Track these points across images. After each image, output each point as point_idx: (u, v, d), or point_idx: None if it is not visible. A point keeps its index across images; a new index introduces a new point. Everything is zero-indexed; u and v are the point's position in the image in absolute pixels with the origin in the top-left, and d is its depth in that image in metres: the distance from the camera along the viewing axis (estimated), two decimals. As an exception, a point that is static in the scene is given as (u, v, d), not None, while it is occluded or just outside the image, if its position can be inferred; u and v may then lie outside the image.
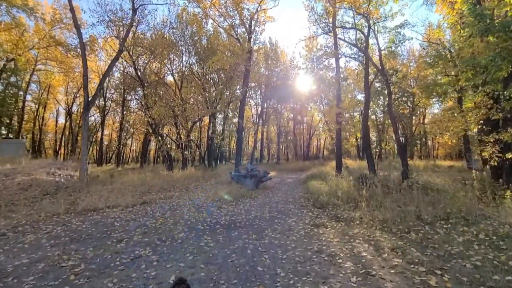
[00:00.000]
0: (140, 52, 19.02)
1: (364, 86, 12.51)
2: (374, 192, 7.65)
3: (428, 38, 21.34)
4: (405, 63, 31.80)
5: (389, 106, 20.33)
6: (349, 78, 27.91)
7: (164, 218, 6.46)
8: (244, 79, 15.07)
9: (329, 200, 7.54)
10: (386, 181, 9.05)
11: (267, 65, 26.32)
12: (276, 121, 40.30)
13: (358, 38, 19.41)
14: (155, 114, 16.68)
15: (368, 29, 12.91)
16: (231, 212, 7.11)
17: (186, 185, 13.03)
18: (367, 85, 12.08)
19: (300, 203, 8.28)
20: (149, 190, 10.92)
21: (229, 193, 9.63)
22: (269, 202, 8.56)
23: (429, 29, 23.37)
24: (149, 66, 23.85)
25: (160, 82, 22.69)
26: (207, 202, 8.60)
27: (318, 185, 11.16)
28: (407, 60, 33.58)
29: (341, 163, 14.06)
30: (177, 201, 8.98)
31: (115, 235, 5.13)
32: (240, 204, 8.22)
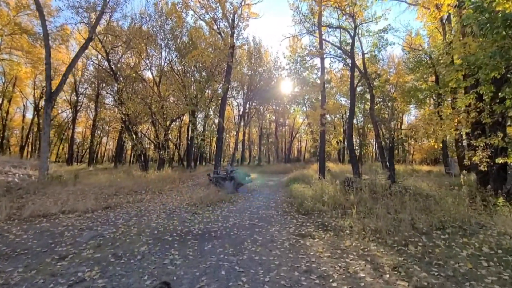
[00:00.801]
0: (114, 43, 17.70)
1: (350, 87, 12.16)
2: (361, 197, 7.15)
3: (410, 43, 21.66)
4: (385, 69, 32.38)
5: (371, 110, 20.35)
6: (332, 81, 27.89)
7: (127, 227, 5.55)
8: (225, 76, 14.28)
9: (314, 206, 6.94)
10: (372, 186, 8.63)
11: (251, 64, 25.69)
12: (258, 123, 39.78)
13: (342, 41, 19.29)
14: (129, 110, 15.49)
15: (355, 29, 12.64)
16: (207, 219, 6.30)
17: (160, 187, 12.02)
18: (352, 86, 11.73)
19: (283, 209, 7.62)
20: (117, 193, 9.84)
21: (206, 197, 8.80)
22: (249, 207, 7.83)
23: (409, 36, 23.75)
24: (126, 60, 22.46)
25: (137, 77, 21.41)
26: (181, 207, 7.73)
27: (301, 189, 10.59)
28: (387, 66, 34.21)
29: (324, 166, 13.63)
30: (147, 205, 8.03)
31: (60, 249, 4.18)
32: (218, 210, 7.43)
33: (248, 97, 27.15)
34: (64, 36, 24.70)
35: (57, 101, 38.45)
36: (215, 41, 13.88)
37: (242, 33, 14.63)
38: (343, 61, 20.48)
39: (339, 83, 29.10)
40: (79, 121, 43.60)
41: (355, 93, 12.32)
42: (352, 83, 11.71)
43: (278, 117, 39.86)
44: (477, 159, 7.09)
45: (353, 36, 12.44)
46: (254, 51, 25.86)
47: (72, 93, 35.65)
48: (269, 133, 44.53)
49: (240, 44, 14.58)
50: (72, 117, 35.50)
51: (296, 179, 14.88)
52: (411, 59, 20.71)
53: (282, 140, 45.41)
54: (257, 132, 43.12)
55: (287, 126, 45.13)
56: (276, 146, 44.35)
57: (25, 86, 36.85)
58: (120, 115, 16.52)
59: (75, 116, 35.16)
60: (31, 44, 25.25)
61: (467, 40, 6.96)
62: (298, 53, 23.96)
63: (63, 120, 42.33)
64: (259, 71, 27.28)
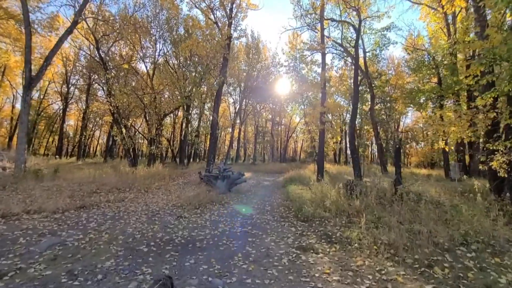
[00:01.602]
0: (105, 31, 16.72)
1: (353, 84, 11.46)
2: (367, 203, 6.43)
3: (413, 43, 21.07)
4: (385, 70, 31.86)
5: (371, 110, 19.78)
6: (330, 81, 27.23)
7: (98, 232, 4.73)
8: (221, 69, 13.44)
9: (315, 212, 6.19)
10: (376, 189, 7.94)
11: (248, 60, 24.85)
12: (254, 121, 39.03)
13: (344, 38, 18.60)
14: (118, 102, 14.58)
15: (359, 22, 11.89)
16: (193, 224, 5.51)
17: (147, 185, 11.18)
18: (356, 83, 11.02)
19: (280, 213, 6.86)
20: (97, 190, 8.98)
21: (195, 197, 7.99)
22: (242, 211, 7.05)
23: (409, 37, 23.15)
24: (119, 51, 21.46)
25: (129, 69, 20.44)
26: (166, 209, 6.92)
27: (299, 191, 9.85)
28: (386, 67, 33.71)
29: (323, 167, 12.93)
30: (128, 205, 7.20)
31: (4, 262, 3.35)
32: (207, 213, 6.64)
33: (245, 93, 26.34)
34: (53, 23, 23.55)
35: (47, 92, 37.28)
36: (211, 31, 13.02)
37: (240, 23, 13.81)
38: (344, 58, 19.84)
39: (338, 83, 28.46)
40: (70, 113, 42.29)
41: (359, 90, 11.60)
42: (356, 80, 11.00)
43: (274, 116, 39.18)
44: (496, 165, 6.41)
45: (357, 29, 11.72)
46: (252, 46, 25.03)
47: (63, 84, 34.44)
48: (265, 132, 43.84)
49: (238, 35, 13.71)
50: (63, 108, 34.29)
51: (292, 179, 14.16)
52: (413, 59, 20.16)
53: (278, 139, 44.75)
54: (253, 130, 42.39)
55: (283, 126, 44.50)
56: (272, 145, 43.69)
57: (15, 76, 35.39)
58: (109, 107, 15.56)
59: (66, 108, 33.94)
60: (19, 30, 24.02)
61: (490, 31, 6.25)
62: (297, 49, 23.27)
63: (54, 112, 41.02)
64: (257, 67, 26.46)
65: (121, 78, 20.22)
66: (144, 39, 20.76)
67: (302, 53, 17.28)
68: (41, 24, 18.35)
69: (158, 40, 21.45)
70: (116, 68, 18.58)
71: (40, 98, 37.09)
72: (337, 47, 18.23)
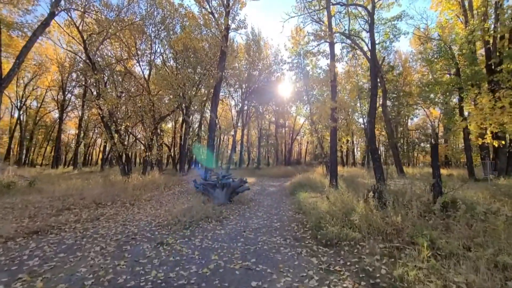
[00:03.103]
0: (94, 30, 15.45)
1: (370, 72, 9.90)
2: (407, 217, 4.86)
3: (426, 33, 19.49)
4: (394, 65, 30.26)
5: (384, 106, 18.15)
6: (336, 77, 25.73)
7: (33, 276, 3.25)
8: (219, 63, 12.03)
9: (342, 232, 4.63)
10: (413, 198, 6.39)
11: (249, 58, 23.46)
12: (257, 123, 37.63)
13: (351, 29, 17.16)
14: (107, 105, 13.24)
15: (373, 5, 10.40)
16: (175, 257, 4.00)
17: (136, 196, 9.75)
18: (374, 71, 9.47)
19: (293, 233, 5.33)
20: (72, 205, 7.53)
21: (186, 212, 6.49)
22: (244, 230, 5.52)
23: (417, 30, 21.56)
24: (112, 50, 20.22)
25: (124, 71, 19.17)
26: (147, 230, 5.43)
27: (312, 200, 8.29)
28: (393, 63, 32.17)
29: (336, 170, 11.36)
30: (102, 225, 5.73)
31: None
32: (198, 235, 5.12)
33: (247, 93, 24.92)
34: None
35: (45, 101, 36.31)
36: (206, 21, 11.63)
37: (238, 12, 12.41)
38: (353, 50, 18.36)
39: (344, 80, 26.95)
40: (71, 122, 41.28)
41: (377, 80, 10.06)
42: (374, 68, 9.47)
43: (278, 118, 37.76)
44: None
45: (371, 12, 10.20)
46: (253, 44, 23.65)
47: (59, 92, 33.44)
48: (268, 135, 42.37)
49: (236, 26, 12.31)
50: (59, 117, 33.24)
51: (301, 185, 12.62)
52: (429, 49, 18.60)
53: (282, 142, 43.23)
54: (256, 134, 40.97)
55: (287, 128, 43.01)
56: (276, 148, 42.19)
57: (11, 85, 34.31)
58: (97, 110, 14.21)
59: (62, 116, 32.89)
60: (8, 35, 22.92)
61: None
62: (301, 45, 21.83)
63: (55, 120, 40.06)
64: (258, 66, 25.04)
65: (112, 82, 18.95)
66: (139, 39, 19.55)
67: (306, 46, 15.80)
68: (30, 27, 17.20)
69: (154, 40, 20.23)
70: (107, 69, 17.29)
71: (37, 107, 36.21)
72: (345, 40, 16.78)
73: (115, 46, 19.94)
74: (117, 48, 20.13)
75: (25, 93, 32.99)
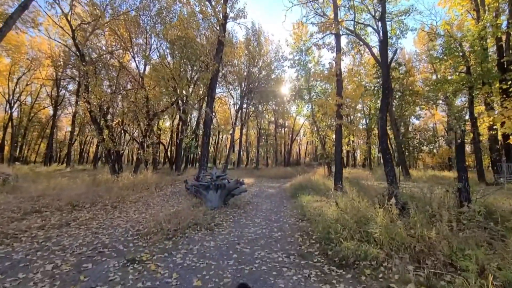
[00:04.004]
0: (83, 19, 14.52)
1: (381, 62, 9.01)
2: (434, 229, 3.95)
3: (435, 29, 18.62)
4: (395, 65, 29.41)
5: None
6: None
7: None
8: (216, 54, 11.12)
9: (359, 248, 3.72)
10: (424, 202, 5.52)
11: (249, 53, 22.53)
12: (256, 123, 36.74)
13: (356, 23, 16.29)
14: (95, 98, 12.31)
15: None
16: (145, 282, 3.07)
17: (122, 197, 8.83)
18: (385, 61, 8.59)
19: (297, 246, 4.41)
20: (43, 208, 6.59)
21: (173, 218, 5.56)
22: (238, 242, 4.59)
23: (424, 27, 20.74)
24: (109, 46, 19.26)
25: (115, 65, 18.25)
26: (121, 240, 4.51)
27: (316, 205, 7.39)
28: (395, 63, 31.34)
29: (341, 172, 10.46)
30: (70, 233, 4.81)
31: None
32: (182, 248, 4.19)
33: (246, 91, 23.97)
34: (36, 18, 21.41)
35: (40, 97, 35.31)
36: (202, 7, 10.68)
37: (237, 0, 11.47)
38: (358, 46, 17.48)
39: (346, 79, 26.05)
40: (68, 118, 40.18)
41: (389, 74, 9.16)
42: (385, 58, 8.59)
43: (277, 118, 36.91)
44: None
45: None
46: (253, 39, 22.73)
47: (53, 88, 32.46)
48: (268, 135, 41.48)
49: (235, 15, 11.39)
50: (53, 113, 32.27)
51: (303, 187, 11.72)
52: (436, 47, 17.76)
53: (282, 142, 42.39)
54: (255, 133, 40.08)
55: (287, 128, 42.16)
56: (275, 148, 41.34)
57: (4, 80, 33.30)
58: (85, 104, 13.25)
59: (56, 112, 31.94)
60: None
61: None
62: (303, 41, 20.93)
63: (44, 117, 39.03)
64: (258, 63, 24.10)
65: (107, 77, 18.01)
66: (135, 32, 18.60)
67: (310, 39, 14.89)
68: (21, 19, 16.24)
69: (149, 33, 19.28)
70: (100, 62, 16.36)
71: (31, 103, 35.19)
72: (349, 35, 15.92)
73: (110, 40, 19.01)
74: (112, 41, 19.22)
75: (19, 88, 31.97)
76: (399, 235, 3.88)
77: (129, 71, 18.92)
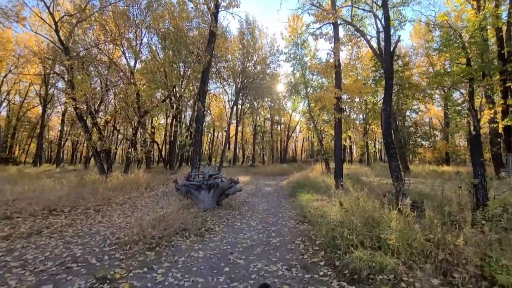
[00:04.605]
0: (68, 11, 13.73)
1: (384, 51, 8.47)
2: (468, 235, 3.42)
3: (434, 21, 18.15)
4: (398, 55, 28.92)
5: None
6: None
7: None
8: (207, 45, 10.47)
9: (373, 258, 3.16)
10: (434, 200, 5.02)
11: (243, 47, 21.84)
12: (252, 120, 36.17)
13: (354, 15, 15.75)
14: (78, 93, 11.58)
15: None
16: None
17: (108, 199, 8.23)
18: (388, 52, 8.04)
19: (299, 255, 3.85)
20: (17, 213, 5.94)
21: (159, 223, 4.96)
22: (231, 251, 4.01)
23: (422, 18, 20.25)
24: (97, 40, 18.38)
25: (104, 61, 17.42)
26: (96, 252, 3.90)
27: (317, 204, 6.85)
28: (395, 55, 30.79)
29: (342, 168, 9.94)
30: (39, 243, 4.19)
31: None
32: (164, 261, 3.60)
33: (241, 86, 23.31)
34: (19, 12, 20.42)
35: (28, 95, 34.20)
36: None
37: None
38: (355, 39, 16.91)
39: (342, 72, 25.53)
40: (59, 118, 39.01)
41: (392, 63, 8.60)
42: (388, 46, 8.06)
43: (273, 114, 36.34)
44: None
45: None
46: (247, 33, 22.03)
47: (42, 86, 31.41)
48: (263, 132, 40.96)
49: (227, 4, 10.72)
50: (42, 112, 31.21)
51: (301, 184, 11.18)
52: (435, 38, 17.30)
53: (278, 139, 41.89)
54: (251, 130, 39.50)
55: (283, 125, 41.67)
56: (271, 145, 40.82)
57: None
58: (69, 101, 12.51)
59: (45, 111, 30.93)
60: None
61: None
62: (298, 33, 20.33)
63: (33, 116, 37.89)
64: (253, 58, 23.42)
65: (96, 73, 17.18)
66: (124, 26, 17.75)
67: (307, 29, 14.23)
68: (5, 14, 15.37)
69: (139, 26, 18.45)
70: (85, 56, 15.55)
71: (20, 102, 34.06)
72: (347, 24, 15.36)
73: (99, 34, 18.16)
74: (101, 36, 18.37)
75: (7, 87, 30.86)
76: (418, 242, 3.34)
77: (119, 67, 18.12)
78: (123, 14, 16.80)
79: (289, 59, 20.55)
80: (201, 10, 10.08)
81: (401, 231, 3.55)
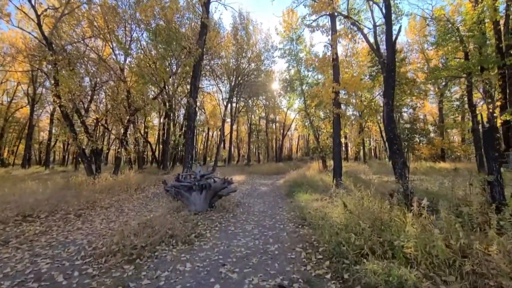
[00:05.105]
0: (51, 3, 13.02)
1: (386, 41, 8.07)
2: (503, 242, 2.98)
3: (431, 14, 17.85)
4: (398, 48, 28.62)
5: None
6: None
7: None
8: (199, 38, 9.92)
9: (391, 270, 2.70)
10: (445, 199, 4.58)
11: (237, 43, 21.28)
12: (247, 118, 35.67)
13: (350, 8, 15.34)
14: (62, 90, 10.94)
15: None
16: None
17: (92, 202, 7.66)
18: (390, 38, 7.62)
19: (301, 266, 3.37)
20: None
21: (143, 229, 4.43)
22: (223, 262, 3.50)
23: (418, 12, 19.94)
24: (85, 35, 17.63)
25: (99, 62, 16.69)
26: (67, 264, 3.37)
27: (317, 205, 6.38)
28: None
29: (341, 166, 9.51)
30: (1, 257, 3.63)
31: None
32: (144, 277, 3.06)
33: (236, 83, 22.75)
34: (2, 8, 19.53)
35: (16, 95, 33.14)
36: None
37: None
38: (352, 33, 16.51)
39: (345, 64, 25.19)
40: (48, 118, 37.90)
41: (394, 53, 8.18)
42: (390, 36, 7.64)
43: (268, 113, 35.90)
44: None
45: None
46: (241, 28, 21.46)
47: (29, 85, 30.43)
48: (258, 130, 40.50)
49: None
50: (30, 112, 30.25)
51: (298, 183, 10.72)
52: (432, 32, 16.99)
53: (273, 138, 41.49)
54: (246, 129, 39.01)
55: (278, 123, 41.27)
56: (267, 144, 40.40)
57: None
58: (54, 98, 11.84)
59: (33, 110, 29.98)
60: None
61: None
62: (293, 29, 19.85)
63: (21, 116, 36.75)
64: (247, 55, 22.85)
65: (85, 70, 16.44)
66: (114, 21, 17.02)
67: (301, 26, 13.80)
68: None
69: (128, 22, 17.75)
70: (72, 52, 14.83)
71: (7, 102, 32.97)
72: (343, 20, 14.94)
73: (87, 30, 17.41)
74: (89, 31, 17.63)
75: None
76: (439, 249, 2.87)
77: (108, 64, 17.40)
78: (112, 9, 16.10)
79: (284, 55, 20.06)
80: (191, 1, 9.49)
81: (418, 237, 3.08)
